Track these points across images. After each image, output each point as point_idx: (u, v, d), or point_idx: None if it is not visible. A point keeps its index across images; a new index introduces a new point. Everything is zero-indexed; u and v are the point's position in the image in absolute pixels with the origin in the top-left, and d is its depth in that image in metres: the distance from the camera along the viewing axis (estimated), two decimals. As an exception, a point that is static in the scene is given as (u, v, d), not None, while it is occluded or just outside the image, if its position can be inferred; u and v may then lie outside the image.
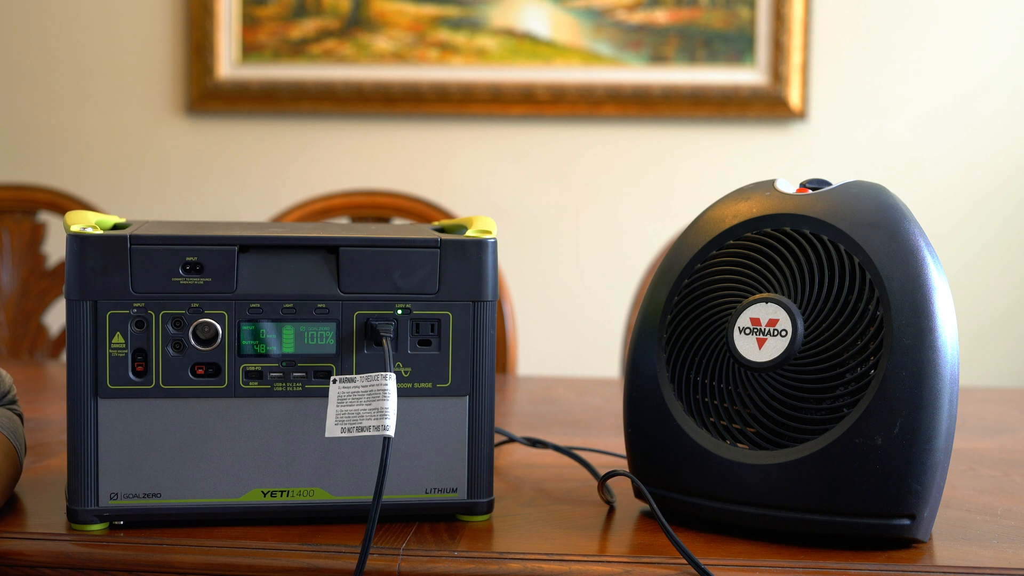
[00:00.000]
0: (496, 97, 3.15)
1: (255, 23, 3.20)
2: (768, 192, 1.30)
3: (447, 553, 1.20)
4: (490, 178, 3.21)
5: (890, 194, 1.26)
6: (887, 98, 3.12)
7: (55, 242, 2.61)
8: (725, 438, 1.26)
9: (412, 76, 3.17)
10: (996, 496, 1.42)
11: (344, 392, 1.22)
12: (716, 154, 3.16)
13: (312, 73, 3.18)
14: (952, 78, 3.09)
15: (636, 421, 1.31)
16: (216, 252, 1.24)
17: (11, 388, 1.34)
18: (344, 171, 3.21)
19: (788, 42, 3.07)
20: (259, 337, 1.25)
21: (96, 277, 1.22)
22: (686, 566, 1.17)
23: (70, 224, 1.25)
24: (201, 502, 1.25)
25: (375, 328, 1.25)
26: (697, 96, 3.11)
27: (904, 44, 3.10)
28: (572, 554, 1.20)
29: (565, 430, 1.73)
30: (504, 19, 3.15)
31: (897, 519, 1.20)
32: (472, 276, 1.27)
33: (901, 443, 1.18)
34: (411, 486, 1.28)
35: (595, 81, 3.13)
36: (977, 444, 1.68)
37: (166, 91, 3.26)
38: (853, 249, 1.22)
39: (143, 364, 1.24)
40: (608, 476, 1.34)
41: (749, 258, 1.27)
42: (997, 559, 1.20)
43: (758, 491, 1.23)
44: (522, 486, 1.44)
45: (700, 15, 3.10)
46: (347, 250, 1.26)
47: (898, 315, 1.19)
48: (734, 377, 1.25)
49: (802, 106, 3.09)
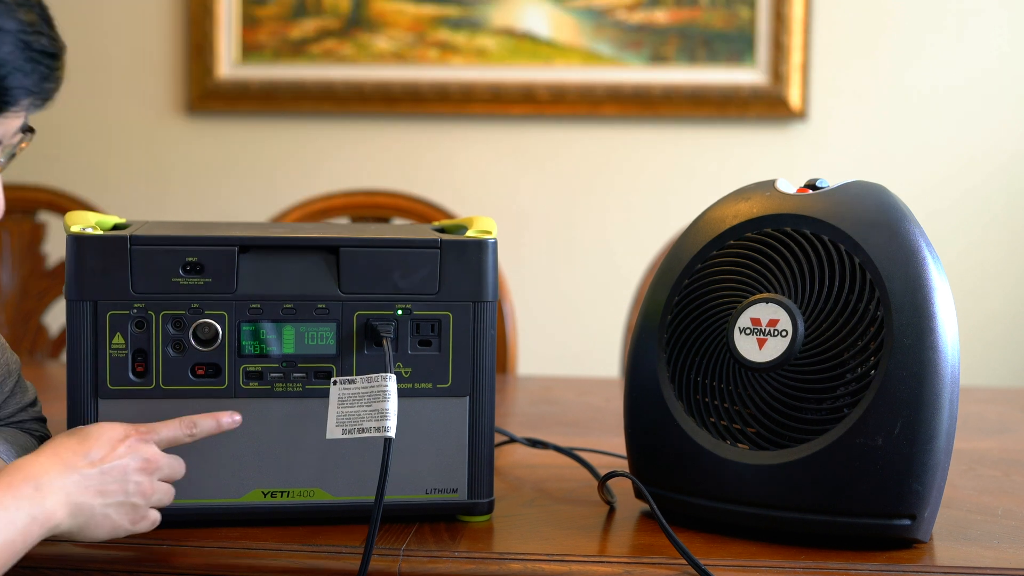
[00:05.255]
0: (496, 97, 3.15)
1: (255, 23, 3.20)
2: (768, 192, 1.30)
3: (448, 553, 1.20)
4: (490, 178, 3.21)
5: (890, 194, 1.26)
6: (887, 98, 3.11)
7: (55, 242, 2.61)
8: (725, 438, 1.26)
9: (412, 76, 3.16)
10: (996, 496, 1.42)
11: (345, 393, 1.22)
12: (716, 154, 3.15)
13: (312, 73, 3.18)
14: (952, 78, 3.09)
15: (636, 421, 1.31)
16: (216, 252, 1.24)
17: (36, 400, 1.32)
18: (344, 171, 3.21)
19: (788, 42, 3.07)
20: (259, 338, 1.25)
21: (96, 277, 1.22)
22: (686, 566, 1.17)
23: (70, 224, 1.25)
24: (201, 502, 1.25)
25: (375, 328, 1.25)
26: (697, 96, 3.11)
27: (904, 44, 3.10)
28: (572, 554, 1.20)
29: (565, 430, 1.73)
30: (504, 19, 3.15)
31: (898, 519, 1.20)
32: (472, 276, 1.27)
33: (902, 443, 1.18)
34: (411, 486, 1.28)
35: (595, 81, 3.13)
36: (977, 444, 1.68)
37: (166, 91, 3.26)
38: (853, 249, 1.22)
39: (143, 364, 1.24)
40: (608, 476, 1.34)
41: (749, 258, 1.27)
42: (997, 559, 1.20)
43: (758, 491, 1.23)
44: (522, 486, 1.44)
45: (700, 15, 3.10)
46: (347, 250, 1.26)
47: (898, 315, 1.19)
48: (734, 377, 1.25)
49: (802, 106, 3.08)
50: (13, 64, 1.02)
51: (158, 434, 1.18)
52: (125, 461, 1.13)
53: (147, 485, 1.15)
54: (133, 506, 1.14)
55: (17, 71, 1.02)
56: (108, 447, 1.13)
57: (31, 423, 1.29)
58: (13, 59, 1.02)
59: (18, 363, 1.30)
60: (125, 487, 1.13)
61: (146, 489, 1.15)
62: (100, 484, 1.11)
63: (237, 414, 1.22)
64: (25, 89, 1.04)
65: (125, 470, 1.13)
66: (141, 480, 1.14)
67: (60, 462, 1.10)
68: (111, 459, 1.12)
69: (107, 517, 1.12)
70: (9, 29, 1.02)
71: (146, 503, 1.15)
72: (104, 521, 1.12)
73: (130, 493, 1.14)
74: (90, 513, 1.11)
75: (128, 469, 1.13)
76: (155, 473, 1.16)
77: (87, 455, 1.12)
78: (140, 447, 1.15)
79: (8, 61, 1.02)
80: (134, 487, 1.14)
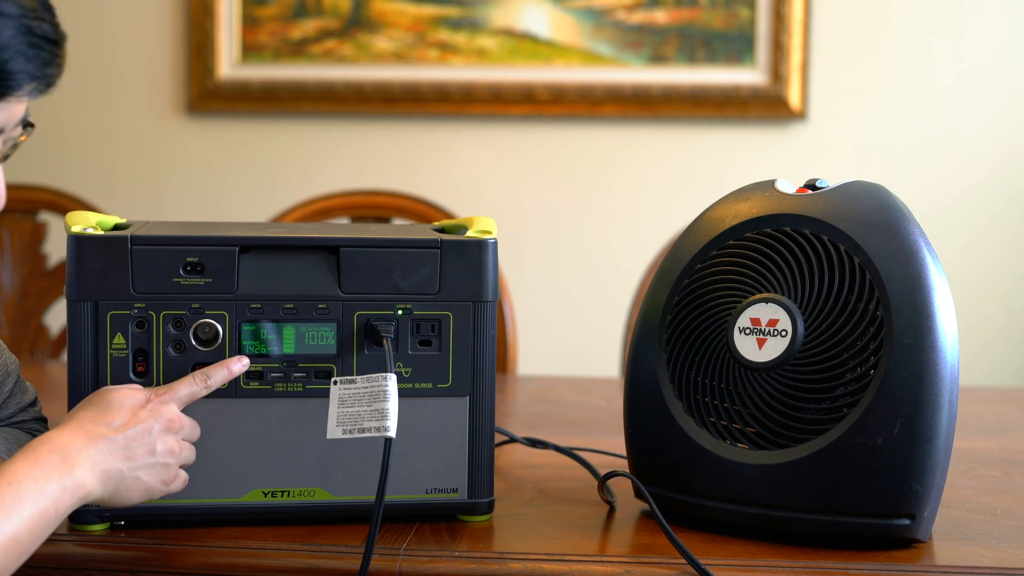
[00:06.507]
0: (496, 97, 3.15)
1: (255, 23, 3.20)
2: (768, 192, 1.30)
3: (448, 553, 1.20)
4: (490, 178, 3.21)
5: (890, 194, 1.26)
6: (887, 98, 3.11)
7: (55, 242, 2.61)
8: (725, 438, 1.26)
9: (412, 76, 3.17)
10: (996, 496, 1.42)
11: (345, 393, 1.23)
12: (716, 154, 3.16)
13: (312, 73, 3.18)
14: (952, 78, 3.09)
15: (636, 421, 1.31)
16: (217, 252, 1.24)
17: (36, 401, 1.32)
18: (344, 171, 3.21)
19: (788, 42, 3.07)
20: (260, 338, 1.25)
21: (97, 277, 1.22)
22: (686, 566, 1.17)
23: (71, 224, 1.25)
24: (202, 502, 1.25)
25: (375, 328, 1.26)
26: (697, 96, 3.11)
27: (904, 44, 3.10)
28: (572, 554, 1.20)
29: (565, 430, 1.73)
30: (504, 19, 3.15)
31: (897, 519, 1.20)
32: (472, 276, 1.27)
33: (901, 443, 1.18)
34: (412, 486, 1.28)
35: (595, 81, 3.13)
36: (977, 444, 1.68)
37: (166, 91, 3.26)
38: (853, 249, 1.22)
39: (144, 364, 1.24)
40: (608, 476, 1.34)
41: (749, 258, 1.27)
42: (997, 559, 1.20)
43: (758, 491, 1.23)
44: (522, 486, 1.44)
45: (700, 15, 3.10)
46: (347, 250, 1.26)
47: (898, 315, 1.19)
48: (734, 377, 1.25)
49: (802, 106, 3.08)
50: (15, 49, 1.02)
51: (176, 393, 1.19)
52: (149, 423, 1.15)
53: (174, 443, 1.17)
54: (164, 465, 1.16)
55: (19, 55, 1.03)
56: (129, 413, 1.15)
57: (32, 423, 1.30)
58: (15, 44, 1.02)
59: (16, 364, 1.30)
60: (152, 448, 1.15)
61: (173, 447, 1.16)
62: (126, 449, 1.13)
63: (245, 358, 1.24)
64: (28, 74, 1.04)
65: (150, 431, 1.15)
66: (167, 439, 1.16)
67: (84, 433, 1.11)
68: (134, 424, 1.14)
69: (137, 480, 1.14)
70: (11, 14, 1.02)
71: (176, 462, 1.17)
72: (135, 484, 1.14)
73: (158, 453, 1.15)
74: (119, 478, 1.12)
75: (153, 431, 1.15)
76: (179, 432, 1.18)
77: (110, 423, 1.13)
78: (161, 409, 1.17)
79: (10, 45, 1.02)
80: (162, 447, 1.15)
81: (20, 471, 1.05)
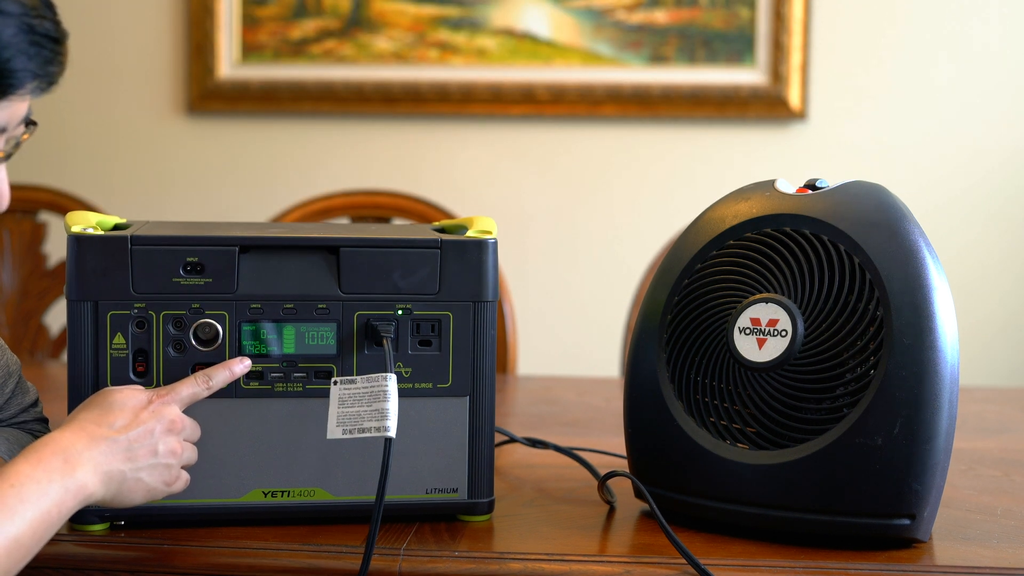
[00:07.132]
0: (496, 97, 3.15)
1: (255, 23, 3.20)
2: (768, 192, 1.30)
3: (448, 553, 1.20)
4: (490, 178, 3.21)
5: (890, 194, 1.26)
6: (887, 98, 3.11)
7: (55, 242, 2.61)
8: (725, 438, 1.26)
9: (412, 76, 3.17)
10: (996, 496, 1.42)
11: (345, 393, 1.23)
12: (716, 154, 3.16)
13: (312, 73, 3.18)
14: (953, 78, 3.09)
15: (636, 421, 1.31)
16: (217, 252, 1.24)
17: (37, 401, 1.32)
18: (344, 171, 3.21)
19: (788, 42, 3.07)
20: (260, 338, 1.25)
21: (97, 277, 1.22)
22: (686, 566, 1.17)
23: (71, 225, 1.25)
24: (202, 502, 1.25)
25: (375, 328, 1.26)
26: (697, 96, 3.11)
27: (904, 44, 3.10)
28: (572, 554, 1.20)
29: (565, 430, 1.73)
30: (504, 19, 3.15)
31: (897, 519, 1.20)
32: (472, 276, 1.27)
33: (901, 443, 1.18)
34: (412, 486, 1.28)
35: (595, 81, 3.13)
36: (977, 444, 1.68)
37: (166, 91, 3.26)
38: (853, 249, 1.22)
39: (144, 364, 1.24)
40: (608, 476, 1.34)
41: (749, 258, 1.27)
42: (997, 559, 1.20)
43: (758, 491, 1.23)
44: (522, 486, 1.44)
45: (700, 15, 3.10)
46: (347, 250, 1.26)
47: (898, 315, 1.19)
48: (734, 377, 1.25)
49: (802, 106, 3.08)
50: (17, 47, 1.02)
51: (178, 394, 1.19)
52: (151, 424, 1.15)
53: (176, 444, 1.17)
54: (166, 467, 1.16)
55: (21, 54, 1.03)
56: (131, 414, 1.15)
57: (33, 424, 1.29)
58: (17, 42, 1.02)
59: (18, 364, 1.30)
60: (154, 449, 1.15)
61: (175, 448, 1.17)
62: (128, 450, 1.13)
63: (247, 359, 1.24)
64: (30, 72, 1.04)
65: (152, 432, 1.15)
66: (169, 440, 1.16)
67: (86, 434, 1.11)
68: (136, 425, 1.14)
69: (139, 481, 1.14)
70: (12, 12, 1.02)
71: (178, 463, 1.17)
72: (137, 485, 1.14)
73: (160, 454, 1.15)
74: (121, 479, 1.12)
75: (155, 432, 1.15)
76: (181, 433, 1.18)
77: (112, 424, 1.13)
78: (163, 410, 1.17)
79: (12, 44, 1.02)
80: (164, 448, 1.16)
81: (22, 473, 1.05)
